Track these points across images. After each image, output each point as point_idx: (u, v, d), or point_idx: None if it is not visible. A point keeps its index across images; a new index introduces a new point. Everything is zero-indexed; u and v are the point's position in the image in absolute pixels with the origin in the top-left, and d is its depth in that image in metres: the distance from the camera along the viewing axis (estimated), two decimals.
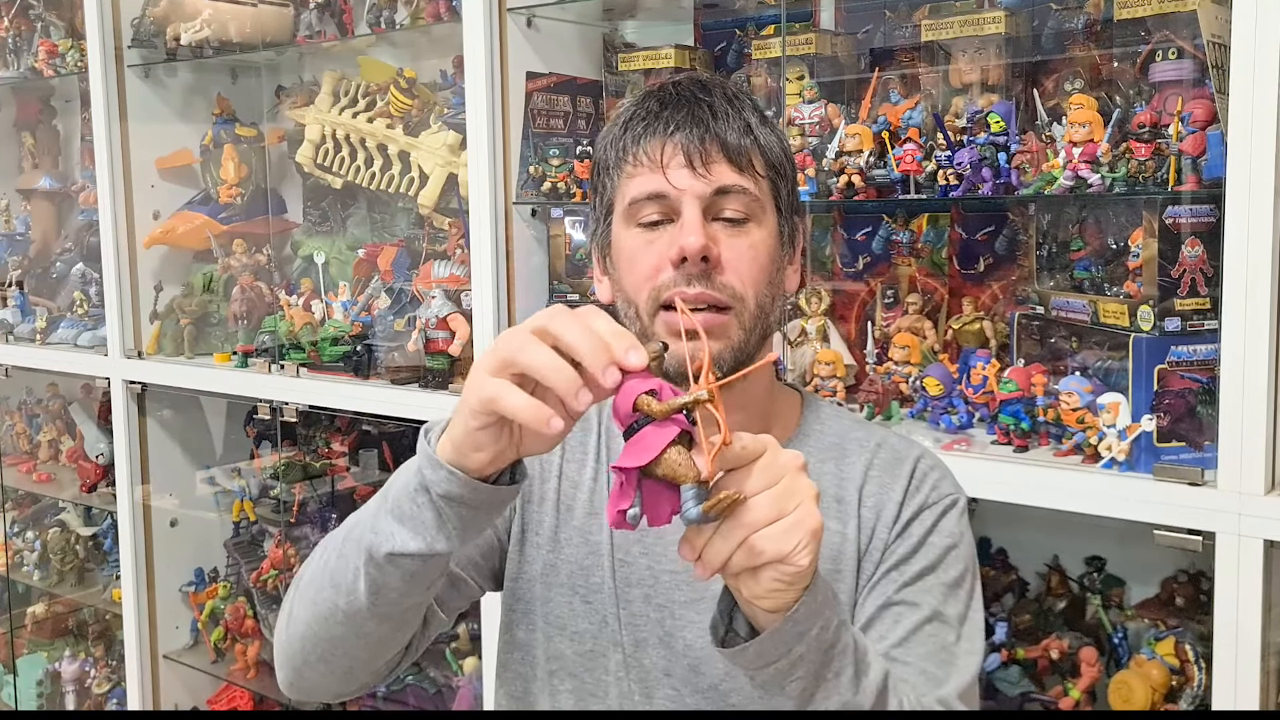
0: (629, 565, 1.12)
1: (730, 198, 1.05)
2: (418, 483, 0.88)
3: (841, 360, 1.80)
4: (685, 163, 1.04)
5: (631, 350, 0.78)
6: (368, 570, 0.93)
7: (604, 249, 1.14)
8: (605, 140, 1.12)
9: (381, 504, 0.93)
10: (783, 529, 0.79)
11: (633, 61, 2.10)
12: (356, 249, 2.58)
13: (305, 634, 1.01)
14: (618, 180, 1.09)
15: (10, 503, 3.53)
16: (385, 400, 2.24)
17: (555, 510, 1.16)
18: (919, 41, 1.79)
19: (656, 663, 1.10)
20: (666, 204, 1.05)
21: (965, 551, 1.10)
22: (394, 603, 0.95)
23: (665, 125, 1.05)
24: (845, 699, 0.87)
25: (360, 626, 0.97)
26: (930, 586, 1.06)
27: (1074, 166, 1.53)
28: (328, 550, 1.00)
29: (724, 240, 1.05)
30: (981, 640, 1.08)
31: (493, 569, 1.18)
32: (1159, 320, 1.50)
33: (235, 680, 2.83)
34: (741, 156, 1.05)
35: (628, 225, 1.08)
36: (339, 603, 0.96)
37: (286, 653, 1.05)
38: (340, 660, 1.02)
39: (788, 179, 1.11)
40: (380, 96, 2.47)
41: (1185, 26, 1.52)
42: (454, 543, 0.89)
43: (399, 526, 0.90)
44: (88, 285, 3.08)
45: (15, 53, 3.17)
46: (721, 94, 1.08)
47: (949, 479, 1.14)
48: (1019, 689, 1.69)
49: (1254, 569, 1.35)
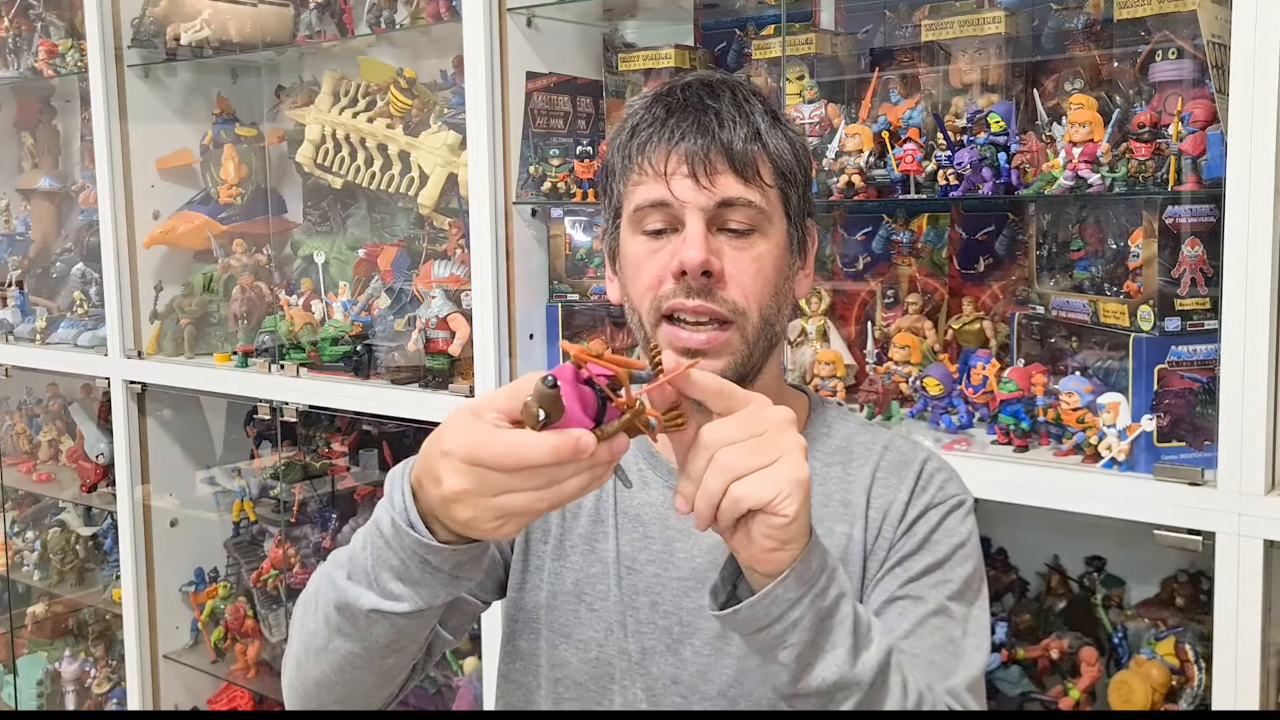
0: (636, 573, 1.11)
1: (735, 209, 1.04)
2: (419, 558, 0.86)
3: (841, 360, 1.80)
4: (689, 173, 1.03)
5: (581, 440, 0.77)
6: (374, 622, 0.91)
7: (613, 251, 1.13)
8: (613, 144, 1.11)
9: (383, 555, 0.88)
10: (763, 477, 0.81)
11: (633, 61, 2.10)
12: (356, 249, 2.58)
13: (321, 680, 0.99)
14: (624, 186, 1.09)
15: (10, 503, 3.53)
16: (385, 400, 2.24)
17: (561, 517, 1.15)
18: (919, 41, 1.79)
19: (664, 670, 1.09)
20: (670, 213, 1.05)
21: (972, 550, 1.10)
22: (413, 638, 0.95)
23: (671, 134, 1.04)
24: (843, 672, 0.86)
25: (379, 664, 0.96)
26: (936, 582, 1.06)
27: (1074, 166, 1.53)
28: (320, 600, 0.96)
29: (727, 253, 1.04)
30: (987, 638, 1.08)
31: (498, 581, 1.17)
32: (1159, 320, 1.50)
33: (235, 680, 2.83)
34: (748, 167, 1.04)
35: (633, 232, 1.08)
36: (355, 649, 0.94)
37: (300, 695, 1.02)
38: (358, 699, 1.01)
39: (799, 185, 1.10)
40: (380, 96, 2.47)
41: (1185, 26, 1.52)
42: (462, 586, 0.89)
43: (404, 587, 0.88)
44: (88, 285, 3.08)
45: (15, 53, 3.17)
46: (730, 98, 1.06)
47: (955, 480, 1.13)
48: (1019, 689, 1.69)
49: (1254, 569, 1.35)
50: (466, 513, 0.80)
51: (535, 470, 0.77)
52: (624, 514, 1.13)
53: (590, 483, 0.79)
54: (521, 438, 0.76)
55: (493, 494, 0.78)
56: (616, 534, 1.13)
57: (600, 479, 0.79)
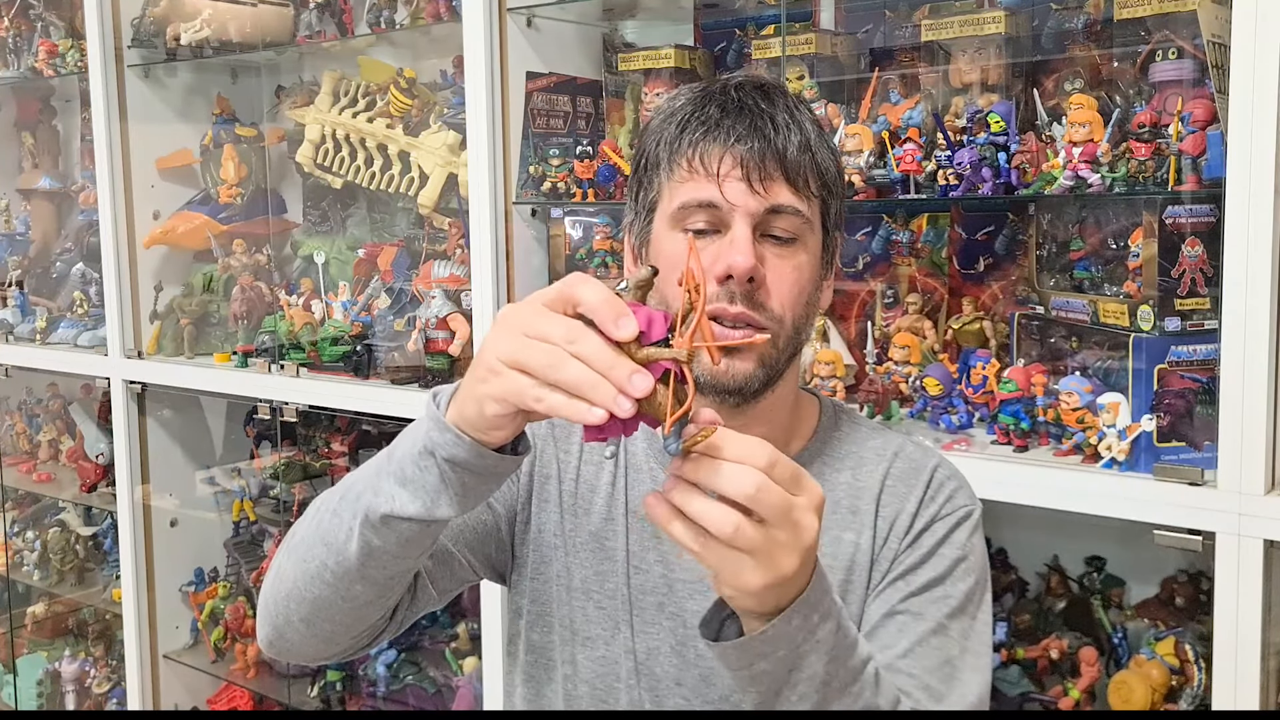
0: (644, 573, 1.11)
1: (782, 217, 1.03)
2: (423, 446, 0.87)
3: (841, 360, 1.80)
4: (742, 177, 1.02)
5: (622, 319, 0.78)
6: (362, 531, 0.91)
7: (642, 243, 1.11)
8: (656, 136, 1.08)
9: (383, 465, 0.92)
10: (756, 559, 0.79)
11: (632, 61, 2.10)
12: (356, 249, 2.58)
13: (291, 591, 1.00)
14: (667, 181, 1.07)
15: (10, 503, 3.53)
16: (385, 400, 2.24)
17: (559, 509, 1.15)
18: (919, 41, 1.79)
19: (668, 671, 1.09)
20: (716, 214, 1.03)
21: (976, 564, 1.09)
22: (384, 565, 0.94)
23: (726, 134, 1.03)
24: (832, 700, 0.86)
25: (347, 588, 0.96)
26: (936, 598, 1.05)
27: (1074, 166, 1.53)
28: (321, 509, 0.98)
29: (770, 261, 1.03)
30: (988, 658, 1.07)
31: (488, 555, 1.16)
32: (1159, 320, 1.50)
33: (235, 680, 2.83)
34: (799, 176, 1.03)
35: (672, 228, 1.06)
36: (328, 561, 0.95)
37: (270, 610, 1.03)
38: (322, 623, 1.00)
39: (838, 198, 1.10)
40: (380, 96, 2.47)
41: (1185, 26, 1.52)
42: (453, 509, 0.88)
43: (400, 489, 0.88)
44: (88, 285, 3.08)
45: (15, 53, 3.17)
46: (784, 104, 1.05)
47: (965, 490, 1.13)
48: (1019, 689, 1.69)
49: (1254, 569, 1.35)
50: (492, 354, 0.80)
51: (572, 325, 0.78)
52: (634, 513, 1.13)
53: (585, 387, 0.76)
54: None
55: (525, 334, 0.79)
56: (626, 533, 1.13)
57: (593, 395, 0.76)
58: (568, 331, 0.78)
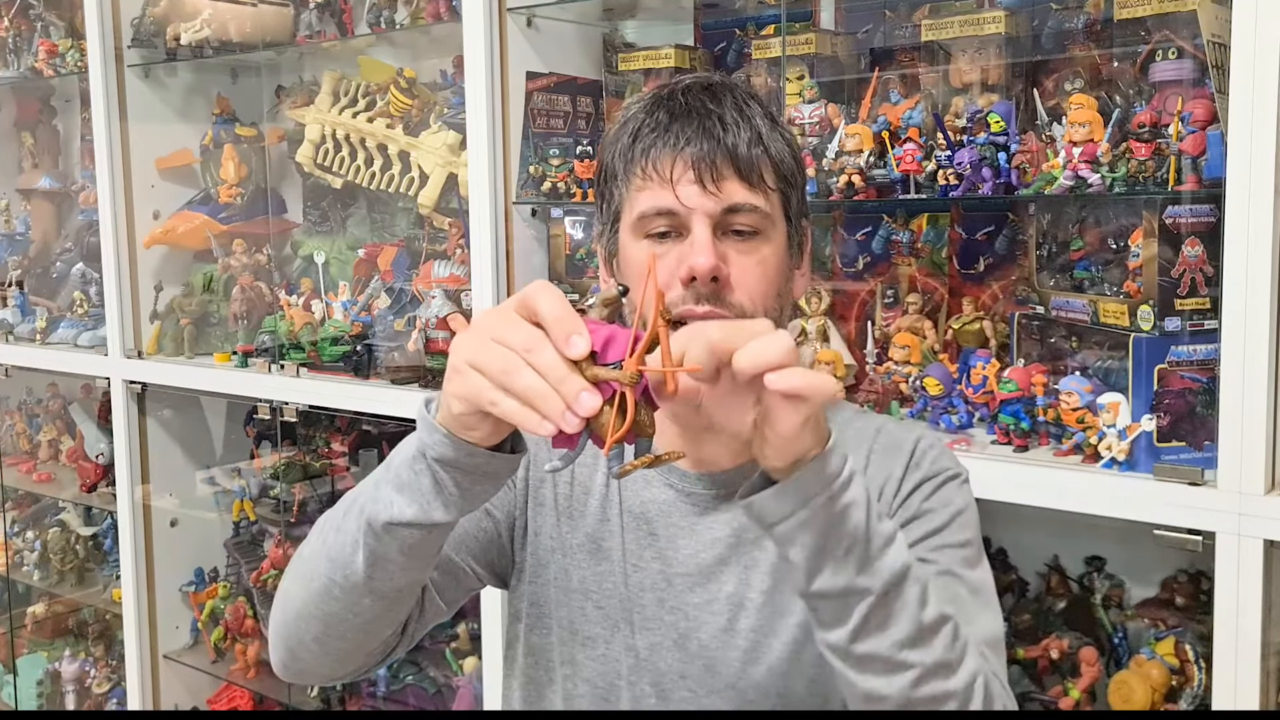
0: (641, 570, 1.12)
1: (740, 214, 1.05)
2: (416, 449, 0.88)
3: (841, 360, 1.80)
4: (695, 179, 1.03)
5: (574, 338, 0.79)
6: (366, 541, 0.92)
7: (610, 253, 1.13)
8: (613, 147, 1.10)
9: (382, 475, 0.93)
10: (763, 341, 0.81)
11: (633, 61, 2.10)
12: (356, 249, 2.58)
13: (301, 611, 1.00)
14: (626, 191, 1.08)
15: (10, 503, 3.53)
16: (385, 400, 2.24)
17: (555, 513, 1.16)
18: (919, 41, 1.79)
19: (672, 665, 1.10)
20: (675, 219, 1.05)
21: (970, 519, 1.10)
22: (391, 577, 0.95)
23: (675, 139, 1.04)
24: (850, 580, 0.86)
25: (356, 602, 0.97)
26: (937, 546, 1.06)
27: (1074, 166, 1.53)
28: (326, 526, 0.99)
29: (733, 257, 1.04)
30: (995, 602, 1.07)
31: (491, 562, 1.17)
32: (1159, 320, 1.50)
33: (235, 680, 2.83)
34: (753, 172, 1.04)
35: (635, 237, 1.08)
36: (336, 577, 0.96)
37: (281, 633, 1.04)
38: (334, 641, 1.01)
39: (797, 187, 1.11)
40: (380, 96, 2.47)
41: (1185, 26, 1.52)
42: (451, 512, 0.89)
43: (397, 495, 0.90)
44: (88, 285, 3.08)
45: (15, 53, 3.17)
46: (731, 102, 1.06)
47: (948, 455, 1.14)
48: (1019, 689, 1.69)
49: (1254, 569, 1.35)
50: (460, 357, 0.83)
51: (533, 334, 0.80)
52: (629, 512, 1.14)
53: (536, 398, 0.79)
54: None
55: (490, 337, 0.81)
56: (622, 533, 1.13)
57: (542, 406, 0.78)
58: (526, 340, 0.80)
